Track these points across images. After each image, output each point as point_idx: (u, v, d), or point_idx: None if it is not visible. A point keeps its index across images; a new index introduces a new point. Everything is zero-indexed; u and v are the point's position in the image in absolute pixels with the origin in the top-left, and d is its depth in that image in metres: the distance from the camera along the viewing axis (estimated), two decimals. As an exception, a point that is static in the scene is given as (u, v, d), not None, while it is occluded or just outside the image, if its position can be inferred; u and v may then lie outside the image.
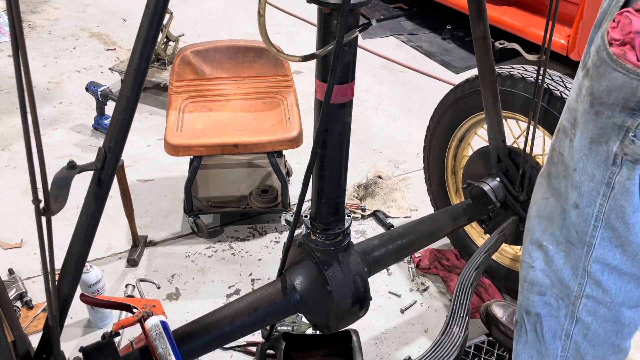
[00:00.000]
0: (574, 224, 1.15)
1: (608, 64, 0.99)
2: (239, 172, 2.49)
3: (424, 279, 2.14)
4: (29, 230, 2.30)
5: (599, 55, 1.01)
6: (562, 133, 1.15)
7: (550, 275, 1.23)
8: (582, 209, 1.12)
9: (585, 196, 1.10)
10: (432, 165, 2.16)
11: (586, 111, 1.06)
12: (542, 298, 1.27)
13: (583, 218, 1.12)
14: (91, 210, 1.01)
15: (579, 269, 1.17)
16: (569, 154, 1.13)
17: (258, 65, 2.39)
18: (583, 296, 1.18)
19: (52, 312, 0.96)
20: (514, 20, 3.49)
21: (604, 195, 1.08)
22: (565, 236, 1.18)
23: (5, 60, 3.59)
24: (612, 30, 0.99)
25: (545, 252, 1.24)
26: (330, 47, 1.11)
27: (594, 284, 1.16)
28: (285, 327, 1.86)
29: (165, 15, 1.15)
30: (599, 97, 1.02)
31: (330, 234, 1.38)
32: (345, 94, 1.22)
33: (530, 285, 1.29)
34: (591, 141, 1.06)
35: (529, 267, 1.28)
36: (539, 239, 1.25)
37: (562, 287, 1.21)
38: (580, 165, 1.09)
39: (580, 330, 1.22)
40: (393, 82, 3.50)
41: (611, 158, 1.04)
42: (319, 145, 1.27)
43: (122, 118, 0.96)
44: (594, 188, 1.09)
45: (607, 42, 0.99)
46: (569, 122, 1.12)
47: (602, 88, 1.01)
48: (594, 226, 1.11)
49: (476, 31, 1.55)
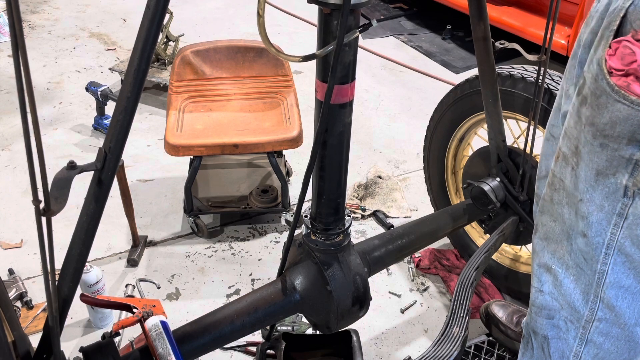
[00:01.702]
0: (581, 251, 1.12)
1: (609, 95, 0.95)
2: (239, 172, 2.49)
3: (424, 279, 2.14)
4: (29, 230, 2.30)
5: (597, 85, 0.97)
6: (563, 160, 1.12)
7: (559, 299, 1.21)
8: (590, 238, 1.08)
9: (595, 226, 1.07)
10: (432, 165, 2.16)
11: (589, 142, 1.02)
12: (551, 321, 1.24)
13: (592, 247, 1.09)
14: (91, 211, 1.01)
15: (589, 294, 1.14)
16: (571, 182, 1.10)
17: (258, 65, 2.39)
18: (595, 320, 1.15)
19: (52, 312, 0.96)
20: (514, 20, 3.49)
21: (616, 225, 1.04)
22: (575, 261, 1.15)
23: (5, 60, 3.59)
24: (609, 58, 0.96)
25: (554, 276, 1.20)
26: (331, 48, 1.11)
27: (607, 307, 1.13)
28: (285, 327, 1.86)
29: (166, 15, 1.15)
30: (602, 129, 0.99)
31: (331, 234, 1.38)
32: (345, 94, 1.22)
33: (539, 309, 1.26)
34: (597, 173, 1.03)
35: (538, 292, 1.25)
36: (547, 262, 1.22)
37: (571, 311, 1.18)
38: (587, 197, 1.06)
39: (590, 351, 1.20)
40: (393, 82, 3.50)
41: (621, 190, 1.01)
42: (319, 146, 1.27)
43: (123, 118, 0.96)
44: (604, 218, 1.05)
45: (607, 71, 0.95)
46: (570, 150, 1.09)
47: (605, 120, 0.97)
48: (606, 254, 1.08)
49: (476, 31, 1.55)
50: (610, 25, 0.98)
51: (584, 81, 1.03)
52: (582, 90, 1.03)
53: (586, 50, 1.11)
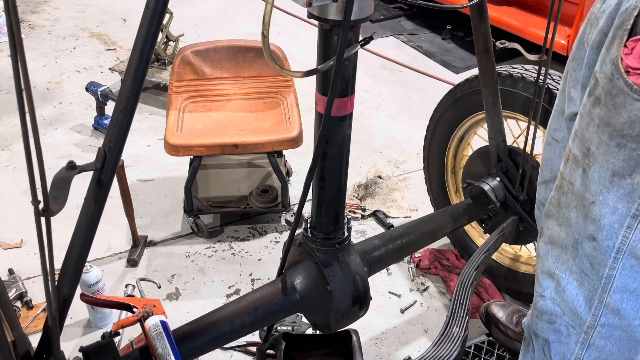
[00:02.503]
0: (587, 256, 1.11)
1: (628, 94, 0.95)
2: (239, 172, 2.49)
3: (424, 279, 2.14)
4: (29, 230, 2.30)
5: (613, 84, 0.97)
6: (573, 162, 1.10)
7: (561, 304, 1.20)
8: (600, 242, 1.07)
9: (606, 229, 1.06)
10: (432, 165, 2.16)
11: (605, 143, 1.01)
12: (552, 326, 1.24)
13: (601, 251, 1.08)
14: (91, 211, 1.01)
15: (593, 300, 1.13)
16: (582, 184, 1.08)
17: (258, 65, 2.39)
18: (598, 325, 1.15)
19: (52, 312, 0.96)
20: (514, 20, 3.49)
21: (629, 227, 1.03)
22: (579, 266, 1.14)
23: (5, 60, 3.59)
24: (626, 57, 0.95)
25: (557, 282, 1.20)
26: (331, 63, 1.12)
27: (611, 312, 1.12)
28: (285, 327, 1.86)
29: (165, 15, 1.15)
30: (619, 129, 0.98)
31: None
32: (345, 107, 1.23)
33: (540, 313, 1.26)
34: (613, 174, 1.02)
35: (539, 296, 1.25)
36: (550, 267, 1.21)
37: (573, 316, 1.18)
38: (600, 199, 1.05)
39: (592, 354, 1.19)
40: (393, 82, 3.50)
41: (638, 191, 1.00)
42: (319, 157, 1.28)
43: (122, 118, 0.96)
44: (616, 221, 1.04)
45: (624, 70, 0.95)
46: (581, 152, 1.07)
47: (623, 120, 0.97)
48: (615, 258, 1.07)
49: (477, 31, 1.55)
50: (623, 24, 0.97)
51: (595, 82, 1.02)
52: (594, 92, 1.02)
53: (594, 51, 1.10)
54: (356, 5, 1.08)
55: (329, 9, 1.10)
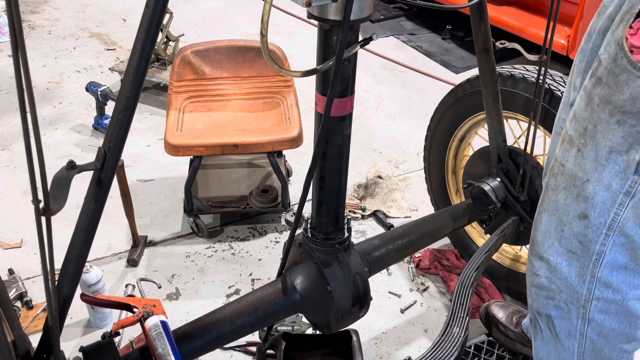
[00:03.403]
0: (577, 235, 1.14)
1: (630, 72, 0.98)
2: (239, 172, 2.49)
3: (424, 279, 2.14)
4: (29, 230, 2.30)
5: (616, 63, 1.00)
6: (568, 143, 1.13)
7: (556, 282, 1.23)
8: (592, 220, 1.11)
9: (599, 206, 1.09)
10: (432, 165, 2.16)
11: (604, 120, 1.04)
12: (552, 301, 1.27)
13: (592, 229, 1.11)
14: (91, 210, 1.01)
15: (585, 276, 1.16)
16: (575, 164, 1.11)
17: (258, 65, 2.39)
18: (593, 299, 1.18)
19: (52, 312, 0.96)
20: (514, 20, 3.49)
21: (622, 204, 1.07)
22: (566, 247, 1.17)
23: (5, 60, 3.58)
24: (631, 37, 0.97)
25: (547, 263, 1.23)
26: (331, 63, 1.12)
27: (604, 286, 1.15)
28: (285, 327, 1.86)
29: (165, 15, 1.15)
30: (621, 106, 1.01)
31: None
32: (344, 107, 1.24)
33: (538, 289, 1.29)
34: (610, 151, 1.04)
35: (534, 275, 1.28)
36: (538, 251, 1.25)
37: (569, 292, 1.21)
38: (595, 176, 1.08)
39: (594, 329, 1.22)
40: (393, 82, 3.50)
41: (632, 167, 1.03)
42: (319, 157, 1.28)
43: (122, 118, 0.96)
44: (609, 198, 1.07)
45: (628, 49, 0.97)
46: (577, 132, 1.10)
47: (625, 97, 0.99)
48: (606, 235, 1.10)
49: (477, 31, 1.55)
50: (631, 9, 1.00)
51: (599, 63, 1.05)
52: (596, 72, 1.05)
53: (600, 37, 1.13)
54: (356, 5, 1.08)
55: (328, 9, 1.10)
